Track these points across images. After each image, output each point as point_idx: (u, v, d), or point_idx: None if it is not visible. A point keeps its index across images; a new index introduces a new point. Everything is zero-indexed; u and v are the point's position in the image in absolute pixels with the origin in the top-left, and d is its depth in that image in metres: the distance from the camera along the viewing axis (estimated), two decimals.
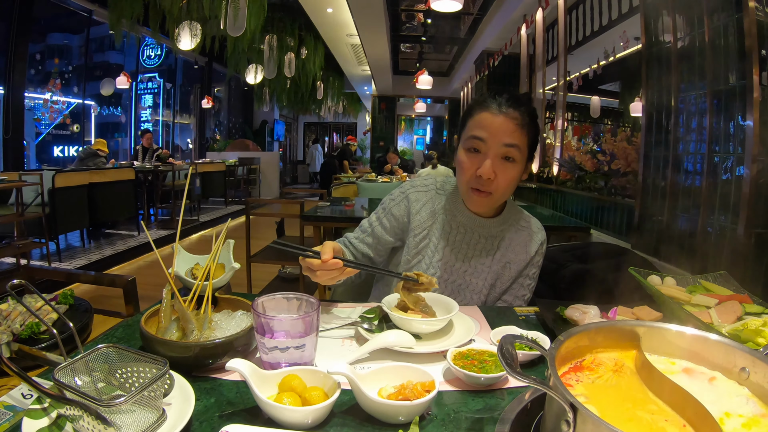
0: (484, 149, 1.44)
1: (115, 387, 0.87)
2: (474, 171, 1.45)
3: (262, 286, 4.68)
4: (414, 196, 1.66)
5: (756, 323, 1.18)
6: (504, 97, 1.45)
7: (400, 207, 1.67)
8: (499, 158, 1.43)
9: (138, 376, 0.87)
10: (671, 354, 0.90)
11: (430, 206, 1.64)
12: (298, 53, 11.42)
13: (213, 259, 1.28)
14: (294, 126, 22.49)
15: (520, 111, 1.44)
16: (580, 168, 4.24)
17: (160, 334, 1.09)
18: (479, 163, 1.44)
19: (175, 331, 1.11)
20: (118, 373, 0.88)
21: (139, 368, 0.87)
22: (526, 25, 6.28)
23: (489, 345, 1.10)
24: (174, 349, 1.01)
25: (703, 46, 2.35)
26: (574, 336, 0.83)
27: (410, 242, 1.63)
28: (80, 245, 6.82)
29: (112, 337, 1.20)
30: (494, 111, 1.43)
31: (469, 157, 1.48)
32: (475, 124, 1.46)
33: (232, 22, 6.91)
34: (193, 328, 1.10)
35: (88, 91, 11.26)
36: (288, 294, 1.07)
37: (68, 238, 7.12)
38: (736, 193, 2.14)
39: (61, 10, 9.83)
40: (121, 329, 1.24)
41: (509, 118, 1.42)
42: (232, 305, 1.24)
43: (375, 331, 1.18)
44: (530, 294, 1.72)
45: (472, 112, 1.50)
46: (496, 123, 1.42)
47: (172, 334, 1.10)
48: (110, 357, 0.88)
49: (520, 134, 1.43)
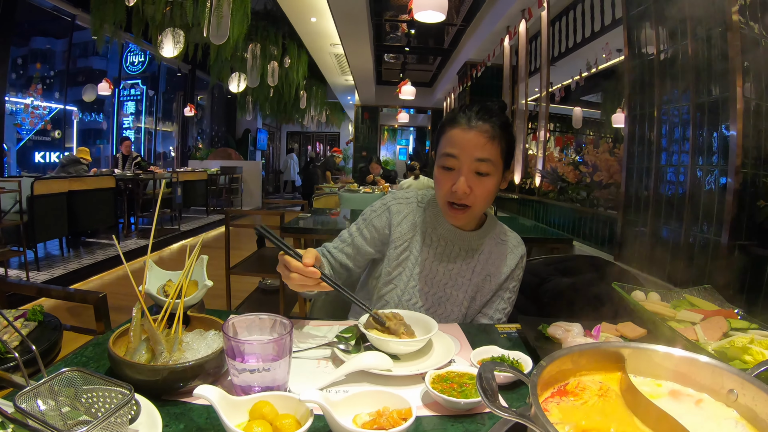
0: (457, 166, 1.44)
1: (81, 412, 0.84)
2: (449, 187, 1.45)
3: (243, 297, 4.60)
4: (395, 208, 1.64)
5: (743, 341, 1.16)
6: (473, 111, 1.45)
7: (382, 218, 1.64)
8: (472, 173, 1.43)
9: (104, 401, 0.84)
10: (657, 375, 0.87)
11: (411, 219, 1.63)
12: (282, 62, 11.38)
13: (185, 276, 1.24)
14: (277, 135, 22.39)
15: (491, 123, 1.43)
16: (563, 179, 4.25)
17: (129, 356, 1.04)
18: (454, 179, 1.44)
19: (144, 353, 1.06)
20: (84, 398, 0.84)
21: (105, 393, 0.84)
22: (510, 37, 6.32)
23: (469, 366, 1.06)
24: (142, 372, 0.96)
25: (687, 58, 2.35)
26: (556, 360, 0.80)
27: (390, 254, 1.61)
28: (59, 254, 6.68)
29: (81, 356, 1.15)
30: (464, 127, 1.43)
31: (443, 174, 1.47)
32: (447, 142, 1.46)
33: (215, 29, 6.87)
34: (162, 349, 1.05)
35: (70, 97, 11.13)
36: (261, 314, 1.02)
37: (47, 247, 6.98)
38: (719, 204, 2.14)
39: (44, 14, 9.71)
40: (91, 348, 1.19)
41: (479, 132, 1.42)
42: (205, 324, 1.19)
43: (352, 352, 1.14)
44: (510, 307, 1.70)
45: (444, 130, 1.50)
46: (466, 139, 1.42)
47: (141, 356, 1.05)
48: (75, 381, 0.84)
49: (491, 147, 1.43)
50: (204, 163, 13.91)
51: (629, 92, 2.89)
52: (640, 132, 2.81)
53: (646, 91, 2.73)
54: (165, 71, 14.71)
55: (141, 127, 14.05)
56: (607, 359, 0.87)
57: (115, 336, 1.06)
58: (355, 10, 7.00)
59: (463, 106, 1.49)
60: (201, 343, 1.10)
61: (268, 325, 1.02)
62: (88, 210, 6.87)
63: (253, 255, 4.44)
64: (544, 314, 1.96)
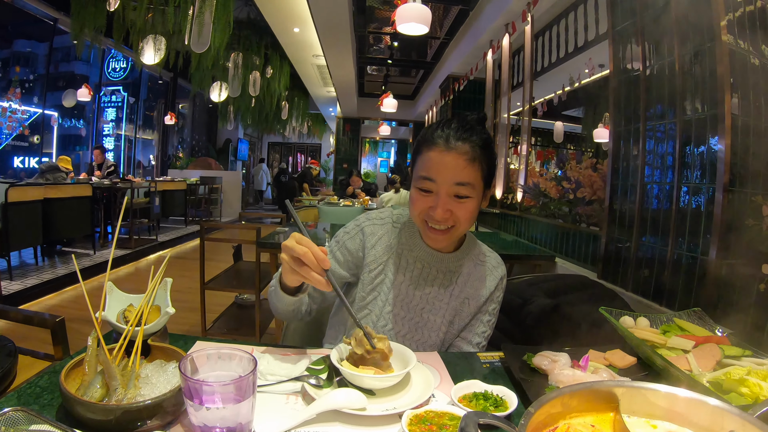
0: (435, 189, 1.35)
1: None
2: (427, 208, 1.37)
3: (219, 310, 4.48)
4: (369, 229, 1.56)
5: (739, 372, 1.09)
6: (452, 129, 1.36)
7: (355, 240, 1.56)
8: (451, 197, 1.35)
9: None
10: (652, 415, 0.82)
11: (386, 240, 1.55)
12: (264, 72, 11.33)
13: (147, 301, 1.14)
14: (258, 145, 22.29)
15: (471, 143, 1.35)
16: (545, 195, 4.20)
17: (83, 390, 0.95)
18: (431, 202, 1.36)
19: (99, 387, 0.96)
20: None
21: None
22: (493, 51, 6.30)
23: (450, 405, 0.97)
24: (93, 411, 0.87)
25: (674, 74, 2.32)
26: (545, 405, 0.74)
27: (365, 278, 1.53)
28: (33, 263, 6.52)
29: (35, 386, 1.05)
30: (441, 148, 1.34)
31: (420, 195, 1.38)
32: (424, 164, 1.37)
33: (196, 37, 6.80)
34: (117, 385, 0.95)
35: (51, 102, 10.96)
36: (223, 347, 0.92)
37: (22, 255, 6.84)
38: (706, 222, 2.10)
39: (26, 17, 9.57)
40: (46, 377, 1.09)
41: (459, 155, 1.33)
42: (166, 355, 1.09)
43: (324, 386, 1.05)
44: (491, 331, 1.62)
45: (420, 150, 1.41)
46: (444, 162, 1.33)
47: (96, 391, 0.95)
48: (18, 421, 0.77)
49: (471, 170, 1.34)
50: (184, 172, 13.78)
51: (614, 107, 2.85)
52: (625, 147, 2.77)
53: (632, 106, 2.70)
54: (146, 78, 14.62)
55: (121, 134, 13.90)
56: (599, 399, 0.81)
57: (69, 366, 0.97)
58: (338, 21, 6.96)
59: (441, 122, 1.40)
60: (161, 377, 1.01)
61: (232, 360, 0.93)
62: (64, 218, 6.73)
63: (230, 269, 4.33)
64: (528, 337, 1.90)
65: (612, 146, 2.87)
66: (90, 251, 7.42)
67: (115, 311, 1.24)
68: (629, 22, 2.74)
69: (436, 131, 1.38)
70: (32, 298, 5.29)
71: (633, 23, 2.70)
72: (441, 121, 1.41)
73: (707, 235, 2.10)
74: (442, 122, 1.40)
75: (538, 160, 10.80)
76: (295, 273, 1.18)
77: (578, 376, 1.08)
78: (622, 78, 2.81)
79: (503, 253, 3.47)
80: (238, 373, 0.90)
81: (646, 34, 2.58)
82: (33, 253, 6.65)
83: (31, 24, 10.12)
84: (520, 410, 0.99)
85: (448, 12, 7.68)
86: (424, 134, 1.42)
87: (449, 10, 7.55)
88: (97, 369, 0.99)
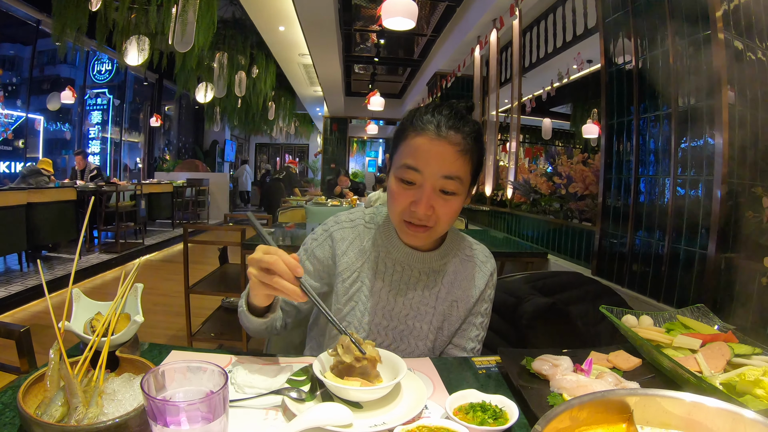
0: (419, 181, 1.21)
1: None
2: (407, 204, 1.23)
3: (206, 315, 4.36)
4: (339, 234, 1.42)
5: (755, 373, 1.02)
6: (444, 116, 1.22)
7: (324, 248, 1.42)
8: (436, 192, 1.21)
9: None
10: (667, 424, 0.77)
11: (358, 244, 1.41)
12: (249, 72, 11.22)
13: (115, 309, 1.05)
14: (245, 146, 22.14)
15: (464, 133, 1.21)
16: (535, 191, 4.14)
17: (43, 408, 0.85)
18: (414, 196, 1.22)
19: (60, 405, 0.86)
20: None
21: None
22: (480, 47, 6.24)
23: (445, 419, 0.88)
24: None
25: (667, 66, 2.26)
26: (552, 421, 0.67)
27: (339, 288, 1.39)
28: (18, 269, 6.39)
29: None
30: (432, 136, 1.20)
31: (402, 188, 1.24)
32: (410, 151, 1.23)
33: (179, 36, 6.69)
34: (78, 403, 0.85)
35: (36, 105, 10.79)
36: (191, 362, 0.83)
37: (7, 261, 6.72)
38: (704, 216, 2.04)
39: (9, 19, 9.41)
40: (10, 392, 1.00)
41: (450, 144, 1.20)
42: (136, 368, 1.00)
43: (306, 400, 0.95)
44: (483, 332, 1.49)
45: (406, 134, 1.26)
46: (433, 151, 1.20)
47: (56, 409, 0.85)
48: None
49: (462, 162, 1.21)
50: (170, 174, 13.61)
51: (606, 101, 2.79)
52: (618, 141, 2.71)
53: (624, 100, 2.64)
54: (132, 80, 14.44)
55: (107, 137, 13.71)
56: (610, 410, 0.75)
57: (30, 381, 0.88)
58: (323, 19, 6.88)
59: (431, 107, 1.26)
60: (127, 392, 0.91)
61: (203, 373, 0.83)
62: (48, 223, 6.61)
63: (216, 271, 4.23)
64: (523, 337, 1.82)
65: (604, 140, 2.81)
66: (75, 256, 7.25)
67: (83, 320, 1.15)
68: (620, 13, 2.68)
69: (426, 115, 1.24)
70: (16, 305, 5.17)
71: (624, 14, 2.63)
72: (431, 105, 1.28)
73: (705, 228, 2.04)
74: (432, 107, 1.26)
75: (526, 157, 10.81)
76: (265, 286, 1.06)
77: (582, 382, 1.01)
78: (613, 70, 2.75)
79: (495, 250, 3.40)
80: (208, 388, 0.81)
81: (637, 25, 2.52)
82: (17, 259, 6.51)
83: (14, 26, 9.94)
84: (521, 422, 0.91)
85: (435, 8, 7.62)
86: (412, 117, 1.27)
87: (436, 5, 7.50)
88: (59, 384, 0.90)
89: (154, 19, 7.18)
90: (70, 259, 7.13)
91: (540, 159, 11.12)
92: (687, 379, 1.01)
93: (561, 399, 0.99)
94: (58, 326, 0.96)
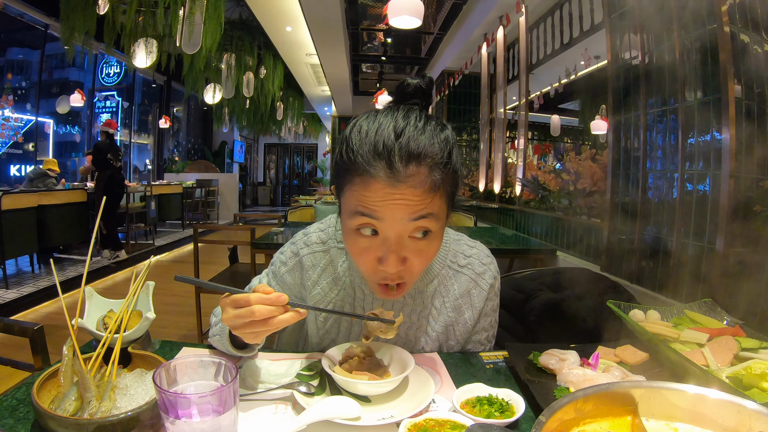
0: (382, 230, 0.94)
1: None
2: (374, 260, 0.98)
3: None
4: (309, 260, 1.24)
5: (761, 366, 1.02)
6: (396, 146, 0.90)
7: (294, 274, 1.27)
8: (406, 239, 0.95)
9: None
10: (673, 417, 0.76)
11: (330, 271, 1.23)
12: (257, 72, 11.25)
13: (127, 306, 1.07)
14: (254, 147, 22.21)
15: (427, 164, 0.91)
16: (544, 188, 4.14)
17: (57, 403, 0.88)
18: (379, 250, 0.96)
19: (73, 400, 0.88)
20: None
21: None
22: (487, 44, 6.23)
23: (452, 412, 0.89)
24: (65, 426, 0.80)
25: (674, 61, 2.25)
26: (557, 412, 0.68)
27: (312, 322, 1.26)
28: (29, 271, 6.49)
29: (12, 398, 0.98)
30: (384, 182, 0.90)
31: (361, 240, 0.97)
32: (360, 198, 0.93)
33: (187, 38, 6.74)
34: (91, 397, 0.88)
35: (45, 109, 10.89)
36: (203, 356, 0.85)
37: (18, 263, 6.79)
38: (713, 211, 2.03)
39: (18, 23, 9.51)
40: (24, 388, 1.02)
41: (412, 188, 0.90)
42: (148, 363, 1.02)
43: (315, 394, 0.97)
44: (494, 330, 1.39)
45: (350, 175, 0.94)
46: (392, 198, 0.90)
47: (70, 403, 0.88)
48: None
49: (433, 199, 0.93)
50: (180, 176, 13.74)
51: (612, 97, 2.78)
52: (626, 137, 2.70)
53: (631, 95, 2.63)
54: (140, 82, 14.54)
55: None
56: (615, 402, 0.75)
57: (44, 377, 0.91)
58: (330, 19, 6.88)
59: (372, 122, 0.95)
60: (139, 387, 0.93)
61: (212, 369, 0.85)
62: (59, 225, 6.68)
63: (226, 271, 4.26)
64: (532, 333, 1.83)
65: (612, 136, 2.80)
66: (86, 257, 7.31)
67: (95, 318, 1.17)
68: (625, 8, 2.67)
69: (365, 146, 0.92)
70: (28, 306, 5.23)
71: (629, 9, 2.63)
72: (371, 117, 0.97)
73: (714, 223, 2.03)
74: (373, 122, 0.95)
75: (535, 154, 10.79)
76: (262, 333, 0.91)
77: (589, 376, 1.01)
78: (620, 65, 2.74)
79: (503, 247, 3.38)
80: (219, 382, 0.83)
81: (644, 21, 2.51)
82: (29, 261, 6.61)
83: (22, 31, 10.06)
84: (527, 415, 0.92)
85: (441, 5, 7.61)
86: (348, 153, 0.94)
87: (442, 3, 7.49)
88: (73, 380, 0.92)
89: (161, 22, 7.23)
90: (81, 260, 7.20)
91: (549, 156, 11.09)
92: (694, 372, 1.01)
93: (567, 393, 1.00)
94: (72, 323, 0.98)
